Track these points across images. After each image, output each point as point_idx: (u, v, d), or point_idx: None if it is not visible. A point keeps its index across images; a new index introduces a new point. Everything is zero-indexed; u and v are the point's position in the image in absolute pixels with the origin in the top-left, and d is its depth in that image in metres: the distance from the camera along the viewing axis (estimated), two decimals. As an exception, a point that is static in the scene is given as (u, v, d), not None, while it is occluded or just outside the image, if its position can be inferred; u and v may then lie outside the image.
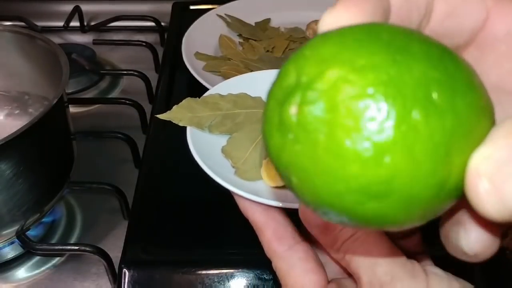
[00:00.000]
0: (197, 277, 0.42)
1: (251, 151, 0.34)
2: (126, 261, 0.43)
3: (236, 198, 0.30)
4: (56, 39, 0.66)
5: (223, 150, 0.34)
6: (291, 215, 0.28)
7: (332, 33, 0.17)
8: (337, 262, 0.27)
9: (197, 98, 0.36)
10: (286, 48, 0.66)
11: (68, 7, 0.83)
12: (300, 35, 0.69)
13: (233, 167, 0.32)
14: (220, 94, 0.36)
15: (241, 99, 0.37)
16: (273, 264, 0.27)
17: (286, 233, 0.28)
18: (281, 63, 0.61)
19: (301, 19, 0.71)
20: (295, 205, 0.28)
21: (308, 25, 0.69)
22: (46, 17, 0.86)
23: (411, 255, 0.30)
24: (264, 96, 0.36)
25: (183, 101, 0.35)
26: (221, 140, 0.34)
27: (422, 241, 0.31)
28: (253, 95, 0.37)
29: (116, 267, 0.45)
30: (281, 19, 0.72)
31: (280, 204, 0.28)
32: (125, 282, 0.42)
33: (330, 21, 0.18)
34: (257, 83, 0.38)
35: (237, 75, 0.60)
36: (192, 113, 0.35)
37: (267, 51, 0.66)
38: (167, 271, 0.43)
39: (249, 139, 0.34)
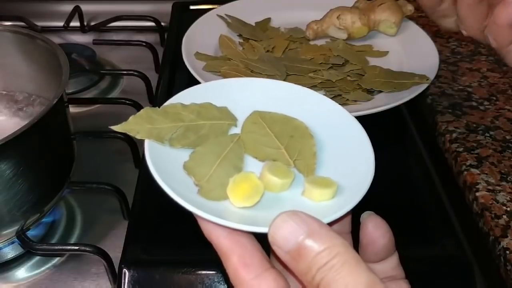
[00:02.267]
0: (197, 277, 0.42)
1: (216, 167, 0.31)
2: (126, 261, 0.43)
3: (198, 220, 0.27)
4: (56, 39, 0.67)
5: (185, 166, 0.31)
6: (260, 239, 0.27)
7: None
8: None
9: (157, 108, 0.33)
10: (286, 48, 0.66)
11: (68, 7, 0.83)
12: (300, 35, 0.69)
13: (196, 185, 0.30)
14: (182, 104, 0.33)
15: (205, 109, 0.34)
16: None
17: (254, 259, 0.26)
18: (281, 63, 0.62)
19: (301, 19, 0.71)
20: (263, 229, 0.25)
21: (308, 25, 0.69)
22: (46, 17, 0.86)
23: (389, 279, 0.30)
24: (230, 106, 0.34)
25: (141, 110, 0.32)
26: (184, 155, 0.31)
27: (399, 264, 0.31)
28: (218, 104, 0.34)
29: (116, 267, 0.45)
30: (281, 19, 0.72)
31: (247, 228, 0.26)
32: (125, 282, 0.42)
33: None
34: (222, 91, 0.35)
35: (237, 75, 0.60)
36: (151, 124, 0.32)
37: (267, 51, 0.66)
38: (167, 271, 0.43)
39: (214, 154, 0.32)
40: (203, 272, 0.42)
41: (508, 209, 0.48)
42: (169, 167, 0.30)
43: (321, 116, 0.34)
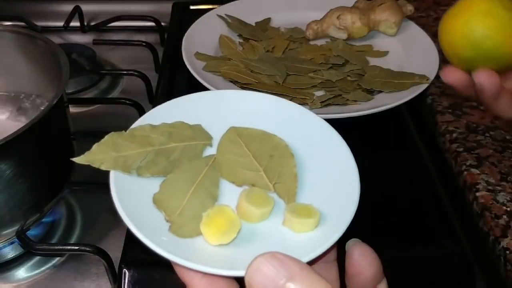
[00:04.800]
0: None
1: (189, 198, 0.28)
2: (126, 261, 0.43)
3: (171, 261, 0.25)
4: (56, 39, 0.66)
5: (155, 200, 0.28)
6: (237, 278, 0.25)
7: None
8: None
9: (124, 132, 0.30)
10: (286, 48, 0.66)
11: (68, 7, 0.83)
12: (300, 35, 0.69)
13: (167, 221, 0.27)
14: (151, 125, 0.31)
15: (177, 130, 0.31)
16: None
17: None
18: (281, 63, 0.62)
19: (301, 19, 0.71)
20: (241, 273, 0.23)
21: (308, 25, 0.69)
22: (46, 17, 0.86)
23: None
24: (205, 122, 0.31)
25: (106, 136, 0.30)
26: (154, 184, 0.29)
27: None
28: (192, 122, 0.32)
29: (116, 267, 0.45)
30: (281, 19, 0.72)
31: (224, 273, 0.24)
32: (125, 282, 0.42)
33: None
34: (196, 107, 0.33)
35: (237, 75, 0.60)
36: (116, 152, 0.29)
37: (267, 51, 0.66)
38: (167, 271, 0.43)
39: (186, 182, 0.29)
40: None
41: (508, 209, 0.48)
42: (137, 201, 0.27)
43: (302, 131, 0.32)
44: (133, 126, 0.31)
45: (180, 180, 0.29)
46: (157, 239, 0.25)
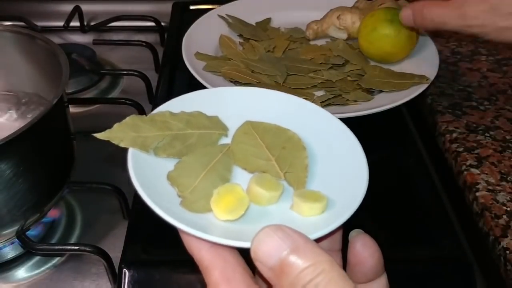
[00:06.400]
0: (197, 277, 0.42)
1: (201, 179, 0.30)
2: (126, 261, 0.43)
3: (180, 232, 0.26)
4: (56, 39, 0.66)
5: (169, 177, 0.29)
6: (245, 255, 0.25)
7: None
8: None
9: (144, 115, 0.32)
10: (286, 48, 0.66)
11: (68, 7, 0.83)
12: (300, 35, 0.69)
13: (179, 196, 0.29)
14: (171, 112, 0.32)
15: (195, 118, 0.32)
16: None
17: (236, 274, 0.25)
18: (281, 63, 0.62)
19: (301, 19, 0.71)
20: (247, 244, 0.24)
21: (308, 25, 0.69)
22: (46, 17, 0.86)
23: None
24: (222, 115, 0.33)
25: (127, 118, 0.31)
26: (169, 165, 0.30)
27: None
28: (209, 113, 0.33)
29: (116, 267, 0.45)
30: (281, 19, 0.72)
31: (229, 243, 0.25)
32: (125, 282, 0.42)
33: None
34: (214, 100, 0.34)
35: (238, 75, 0.60)
36: (136, 132, 0.31)
37: (268, 51, 0.66)
38: (167, 271, 0.43)
39: (200, 164, 0.30)
40: (203, 272, 0.42)
41: (508, 209, 0.48)
42: (152, 177, 0.29)
43: (315, 127, 0.33)
44: (153, 112, 0.32)
45: (194, 163, 0.30)
46: (168, 210, 0.26)
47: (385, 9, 0.62)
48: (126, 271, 0.43)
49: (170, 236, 0.46)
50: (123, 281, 0.42)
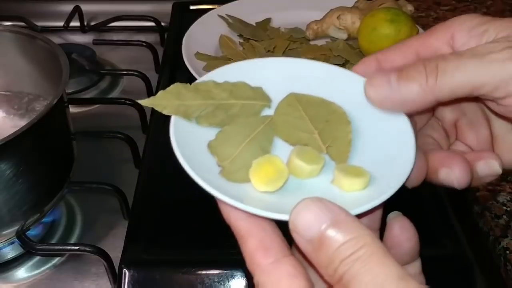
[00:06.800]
0: (197, 277, 0.42)
1: (242, 149, 0.29)
2: (126, 261, 0.43)
3: (217, 201, 0.26)
4: (56, 39, 0.66)
5: (210, 145, 0.29)
6: (280, 226, 0.25)
7: None
8: (330, 286, 0.23)
9: (188, 84, 0.31)
10: (287, 48, 0.66)
11: (68, 7, 0.83)
12: (300, 35, 0.69)
13: (219, 165, 0.28)
14: (215, 82, 0.32)
15: (238, 89, 0.32)
16: (255, 279, 0.24)
17: (273, 243, 0.24)
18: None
19: (301, 19, 0.71)
20: (284, 216, 0.24)
21: (308, 25, 0.69)
22: (46, 17, 0.86)
23: None
24: (266, 87, 0.32)
25: (171, 86, 0.31)
26: (210, 134, 0.30)
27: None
28: (253, 84, 0.33)
29: (116, 267, 0.45)
30: (281, 19, 0.72)
31: (267, 214, 0.25)
32: (125, 282, 0.42)
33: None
34: (259, 71, 0.33)
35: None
36: (179, 100, 0.31)
37: (268, 51, 0.66)
38: (167, 271, 0.43)
39: (242, 134, 0.30)
40: (203, 272, 0.42)
41: (508, 209, 0.48)
42: (192, 146, 0.29)
43: (363, 103, 0.31)
44: (197, 81, 0.32)
45: (235, 132, 0.30)
46: (207, 179, 0.26)
47: (385, 9, 0.63)
48: (126, 271, 0.43)
49: (170, 236, 0.46)
50: (123, 281, 0.42)
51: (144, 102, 0.31)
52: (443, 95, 0.28)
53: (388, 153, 0.29)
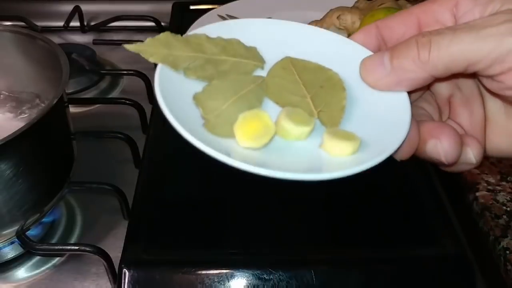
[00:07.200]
0: (197, 277, 0.42)
1: (230, 104, 0.28)
2: (126, 261, 0.43)
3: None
4: (56, 39, 0.66)
5: (195, 97, 0.28)
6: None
7: None
8: None
9: (179, 35, 0.30)
10: (286, 48, 0.66)
11: (68, 7, 0.83)
12: (300, 35, 0.69)
13: (203, 118, 0.27)
14: (207, 36, 0.31)
15: (231, 46, 0.31)
16: None
17: None
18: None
19: (301, 19, 0.70)
20: (268, 172, 0.23)
21: (308, 25, 0.69)
22: (46, 17, 0.86)
23: None
24: (261, 47, 0.31)
25: (161, 34, 0.30)
26: (197, 87, 0.28)
27: None
28: (247, 43, 0.31)
29: (116, 267, 0.45)
30: (282, 19, 0.72)
31: (250, 168, 0.24)
32: (125, 282, 0.42)
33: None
34: (254, 30, 0.32)
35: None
36: (168, 49, 0.29)
37: (267, 51, 0.66)
38: (167, 271, 0.43)
39: (231, 90, 0.28)
40: (203, 272, 0.42)
41: (508, 209, 0.48)
42: (177, 97, 0.27)
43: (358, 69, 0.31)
44: (189, 33, 0.31)
45: (224, 88, 0.29)
46: (190, 130, 0.25)
47: (385, 9, 0.63)
48: (126, 271, 0.43)
49: (170, 236, 0.46)
50: (123, 281, 0.42)
51: (131, 47, 0.30)
52: (438, 70, 0.27)
53: (382, 123, 0.28)
